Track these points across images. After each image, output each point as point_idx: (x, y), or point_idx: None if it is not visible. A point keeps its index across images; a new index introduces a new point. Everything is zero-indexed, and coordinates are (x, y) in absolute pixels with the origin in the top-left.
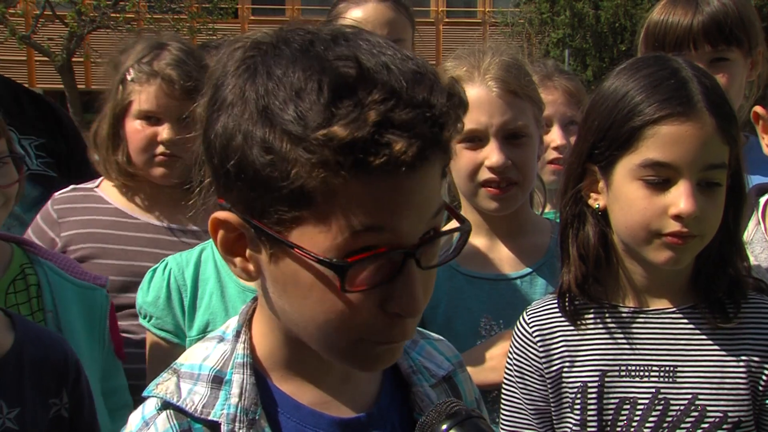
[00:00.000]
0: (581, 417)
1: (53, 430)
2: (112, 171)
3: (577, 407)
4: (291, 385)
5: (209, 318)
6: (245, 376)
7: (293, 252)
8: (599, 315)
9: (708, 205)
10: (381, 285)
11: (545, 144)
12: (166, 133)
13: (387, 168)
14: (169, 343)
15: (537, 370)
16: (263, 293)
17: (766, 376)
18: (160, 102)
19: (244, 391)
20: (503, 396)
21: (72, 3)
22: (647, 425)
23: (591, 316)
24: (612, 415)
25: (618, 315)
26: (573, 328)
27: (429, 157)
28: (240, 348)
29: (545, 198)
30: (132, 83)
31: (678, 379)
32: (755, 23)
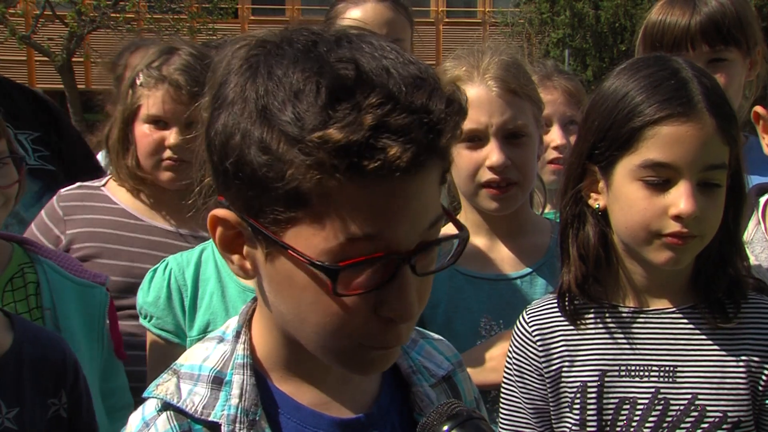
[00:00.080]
0: (581, 417)
1: (52, 430)
2: (122, 174)
3: (577, 407)
4: (291, 386)
5: (210, 318)
6: (245, 376)
7: (288, 252)
8: (599, 315)
9: (708, 206)
10: (375, 290)
11: (545, 144)
12: (173, 138)
13: (381, 173)
14: (170, 344)
15: (536, 369)
16: (261, 293)
17: (765, 376)
18: (167, 107)
19: (244, 392)
20: (502, 395)
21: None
22: (647, 425)
23: (591, 316)
24: (612, 415)
25: (618, 315)
26: (573, 327)
27: (425, 164)
28: (240, 348)
29: (545, 198)
30: (141, 87)
31: (678, 379)
32: (753, 23)
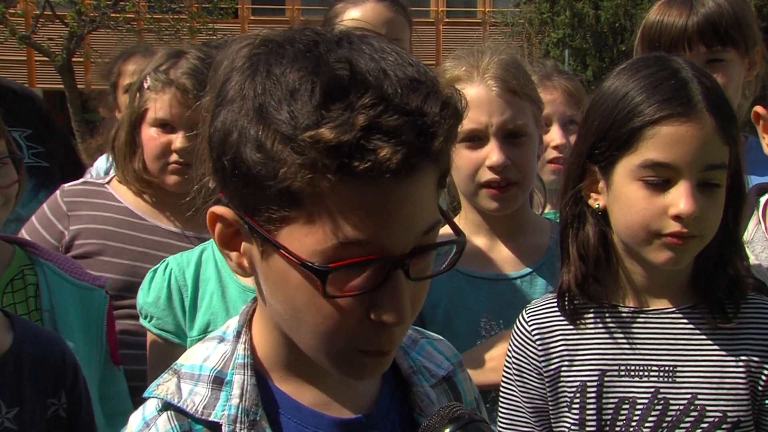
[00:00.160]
0: (580, 416)
1: (51, 430)
2: (128, 177)
3: (576, 406)
4: (291, 386)
5: (210, 318)
6: (246, 376)
7: (280, 252)
8: (599, 315)
9: (708, 206)
10: (368, 292)
11: (545, 143)
12: (179, 142)
13: (372, 174)
14: (170, 344)
15: (535, 368)
16: (259, 292)
17: (765, 376)
18: (174, 110)
19: (245, 392)
20: (501, 394)
21: (72, 3)
22: (646, 425)
23: (591, 315)
24: (611, 415)
25: (618, 315)
26: (572, 327)
27: (417, 166)
28: (240, 348)
29: (545, 198)
30: (148, 91)
31: (677, 379)
32: (752, 23)
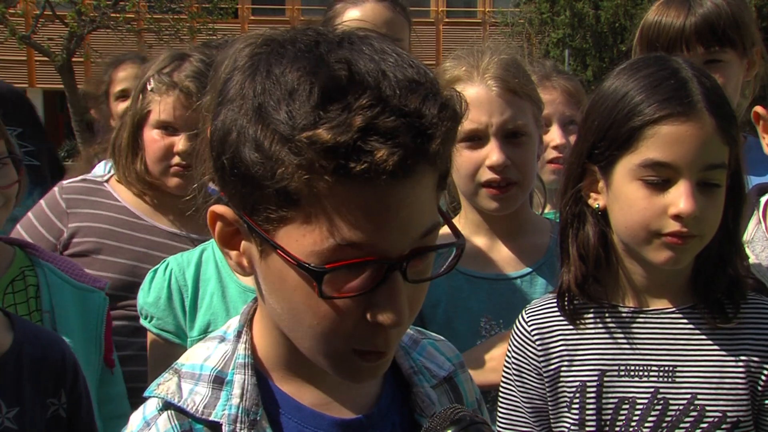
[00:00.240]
0: (579, 416)
1: (51, 429)
2: (130, 178)
3: (576, 406)
4: (292, 386)
5: (210, 318)
6: (246, 376)
7: (278, 252)
8: (599, 315)
9: (708, 205)
10: (365, 293)
11: (544, 143)
12: (182, 144)
13: (368, 175)
14: (170, 344)
15: (535, 368)
16: (258, 291)
17: (765, 376)
18: (177, 113)
19: (245, 392)
20: (501, 394)
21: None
22: (646, 425)
23: (590, 315)
24: (611, 415)
25: (617, 315)
26: (572, 327)
27: (414, 168)
28: (241, 348)
29: (545, 198)
30: (152, 93)
31: (677, 379)
32: (750, 24)
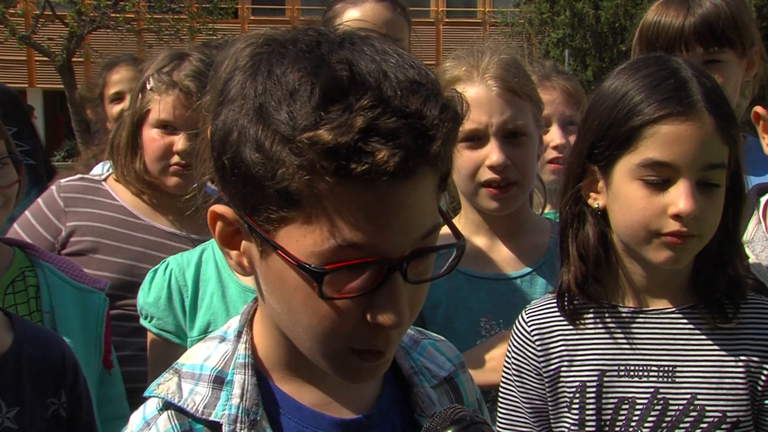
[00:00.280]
0: (579, 416)
1: (52, 429)
2: (129, 178)
3: (576, 406)
4: (292, 386)
5: (210, 318)
6: (247, 376)
7: (278, 252)
8: (598, 315)
9: (707, 205)
10: (365, 294)
11: (544, 144)
12: (181, 144)
13: (369, 176)
14: (170, 344)
15: (535, 368)
16: (258, 291)
17: (764, 376)
18: (177, 112)
19: (245, 392)
20: (501, 395)
21: (72, 3)
22: (646, 425)
23: (590, 315)
24: (611, 415)
25: (617, 315)
26: (572, 327)
27: (415, 169)
28: (241, 348)
29: (545, 198)
30: (151, 92)
31: (677, 379)
32: (749, 24)
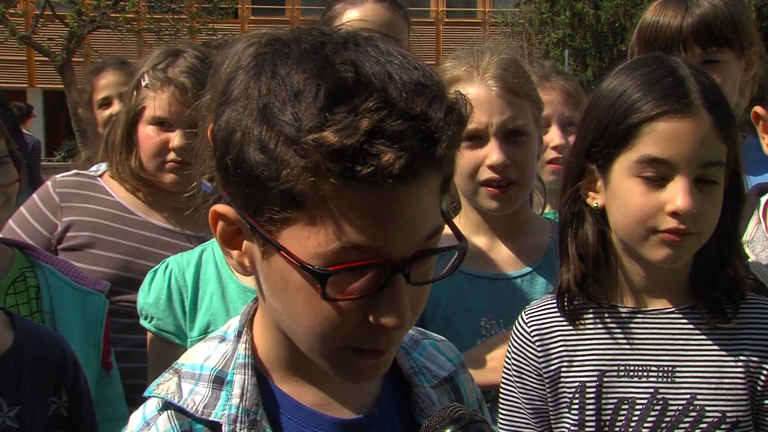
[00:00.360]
0: (579, 417)
1: (52, 428)
2: (124, 175)
3: (575, 407)
4: (292, 386)
5: (210, 319)
6: (247, 376)
7: (281, 253)
8: (598, 315)
9: (705, 203)
10: (368, 296)
11: (544, 144)
12: (177, 140)
13: (375, 178)
14: (170, 344)
15: (535, 369)
16: (259, 291)
17: (764, 376)
18: (172, 109)
19: (245, 392)
20: (501, 395)
21: (72, 3)
22: (645, 425)
23: (590, 316)
24: (610, 415)
25: (617, 315)
26: (571, 327)
27: (420, 172)
28: (241, 348)
29: (545, 198)
30: (146, 89)
31: (676, 379)
32: (748, 24)
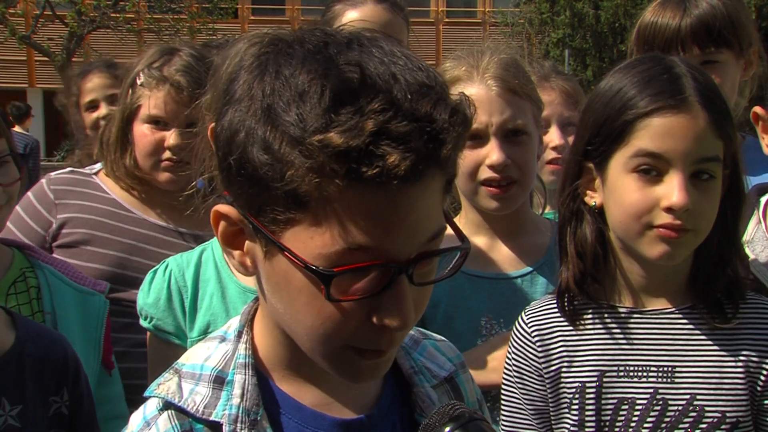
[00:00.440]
0: (579, 417)
1: (54, 427)
2: (119, 173)
3: (575, 407)
4: (292, 386)
5: (210, 319)
6: (247, 376)
7: (284, 253)
8: (598, 315)
9: (701, 199)
10: (370, 296)
11: (544, 144)
12: (173, 139)
13: (380, 180)
14: (170, 345)
15: (536, 370)
16: (260, 291)
17: (764, 376)
18: (168, 107)
19: (245, 392)
20: (503, 396)
21: (72, 3)
22: (645, 425)
23: (590, 316)
24: (610, 416)
25: (616, 315)
26: (572, 328)
27: (424, 173)
28: (242, 348)
29: (545, 199)
30: (141, 87)
31: (676, 380)
32: (747, 24)
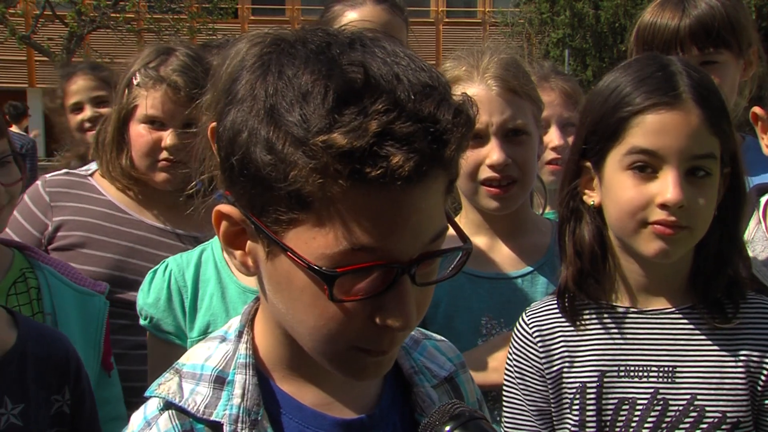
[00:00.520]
0: (580, 417)
1: (55, 426)
2: (115, 174)
3: (576, 407)
4: (293, 386)
5: (210, 319)
6: (248, 376)
7: (287, 254)
8: (598, 315)
9: (697, 196)
10: (373, 297)
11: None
12: (170, 139)
13: (384, 180)
14: (170, 345)
15: (537, 370)
16: (261, 291)
17: (764, 376)
18: (165, 108)
19: (246, 392)
20: (504, 396)
21: (72, 3)
22: (646, 425)
23: (590, 315)
24: (611, 416)
25: (617, 315)
26: (572, 328)
27: (428, 173)
28: (242, 348)
29: (545, 199)
30: (138, 88)
31: (677, 380)
32: (746, 24)
